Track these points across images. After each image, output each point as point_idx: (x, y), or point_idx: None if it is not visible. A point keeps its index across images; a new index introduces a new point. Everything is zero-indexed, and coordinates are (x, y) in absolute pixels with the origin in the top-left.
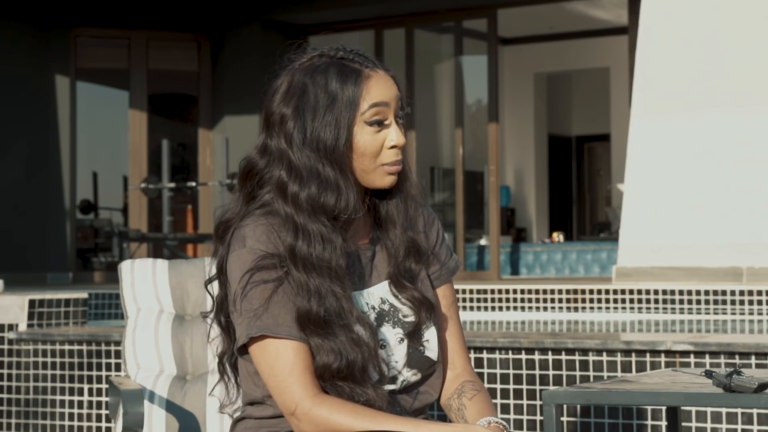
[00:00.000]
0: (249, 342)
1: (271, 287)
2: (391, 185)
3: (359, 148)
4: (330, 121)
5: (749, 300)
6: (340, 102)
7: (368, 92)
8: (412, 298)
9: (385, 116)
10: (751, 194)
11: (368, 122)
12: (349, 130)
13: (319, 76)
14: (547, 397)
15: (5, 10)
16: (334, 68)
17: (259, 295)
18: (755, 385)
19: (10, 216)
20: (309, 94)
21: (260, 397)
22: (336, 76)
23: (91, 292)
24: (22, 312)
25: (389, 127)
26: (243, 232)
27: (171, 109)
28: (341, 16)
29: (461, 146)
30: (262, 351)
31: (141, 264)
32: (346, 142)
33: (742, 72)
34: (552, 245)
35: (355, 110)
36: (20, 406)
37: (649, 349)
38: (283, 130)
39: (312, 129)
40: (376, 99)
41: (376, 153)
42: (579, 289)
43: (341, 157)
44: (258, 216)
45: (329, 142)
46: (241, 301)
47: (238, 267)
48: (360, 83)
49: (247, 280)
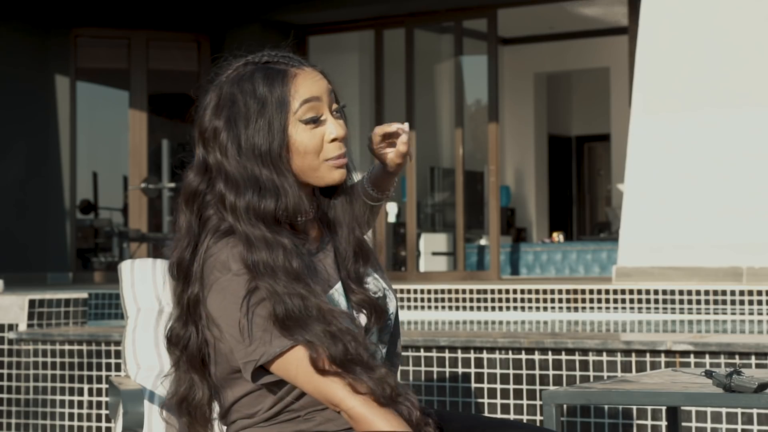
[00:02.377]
0: (269, 362)
1: (269, 304)
2: (341, 179)
3: (299, 148)
4: (263, 125)
5: (749, 300)
6: (271, 105)
7: (297, 90)
8: (361, 302)
9: (319, 111)
10: (751, 194)
11: (303, 120)
12: (284, 132)
13: (246, 84)
14: (547, 397)
15: (5, 10)
16: (259, 73)
17: (263, 313)
18: (755, 385)
19: (10, 216)
20: (239, 103)
21: (272, 413)
22: (262, 81)
23: (91, 292)
24: (22, 312)
25: (326, 122)
26: (221, 258)
27: (171, 109)
28: (341, 16)
29: (461, 146)
30: (287, 363)
31: (141, 264)
32: (282, 143)
33: (742, 72)
34: (552, 245)
35: (287, 110)
36: (20, 406)
37: (649, 349)
38: (218, 143)
39: (246, 137)
40: (306, 95)
41: (318, 150)
42: (579, 289)
43: (278, 160)
44: (227, 239)
45: (264, 147)
46: (249, 327)
47: (232, 294)
48: (287, 83)
49: (248, 304)
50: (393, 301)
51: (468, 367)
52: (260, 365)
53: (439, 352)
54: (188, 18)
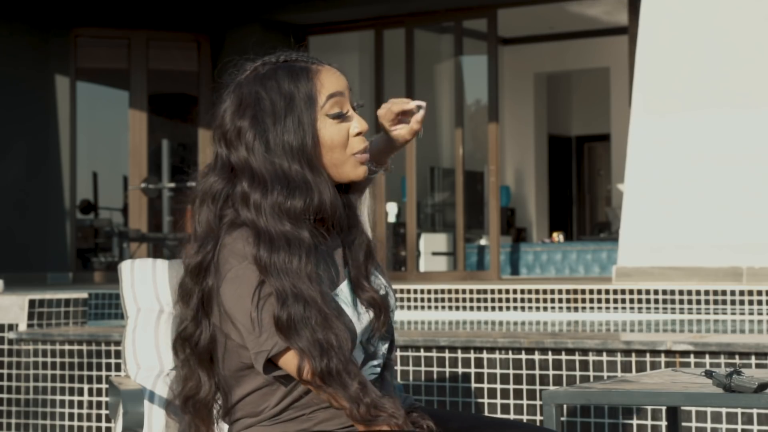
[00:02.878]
0: (278, 355)
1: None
2: (365, 175)
3: (327, 142)
4: (293, 121)
5: (749, 300)
6: (299, 100)
7: (322, 85)
8: (371, 300)
9: (344, 107)
10: (751, 194)
11: (329, 115)
12: (314, 126)
13: (270, 82)
14: (547, 397)
15: (5, 10)
16: (282, 71)
17: (272, 305)
18: (755, 385)
19: (11, 216)
20: (264, 101)
21: (278, 410)
22: (287, 77)
23: (91, 292)
24: (22, 312)
25: (350, 117)
26: (237, 247)
27: (171, 109)
28: (341, 16)
29: (461, 146)
30: (293, 357)
31: (141, 264)
32: (314, 139)
33: (742, 72)
34: (552, 245)
35: (315, 105)
36: (20, 406)
37: (649, 349)
38: (243, 142)
39: (275, 134)
40: (331, 90)
41: (344, 144)
42: (579, 289)
43: (311, 156)
44: (241, 230)
45: (296, 143)
46: (259, 317)
47: (245, 282)
48: (312, 78)
49: (259, 295)
50: (392, 298)
51: (468, 367)
52: (271, 357)
53: (439, 352)
54: (188, 18)
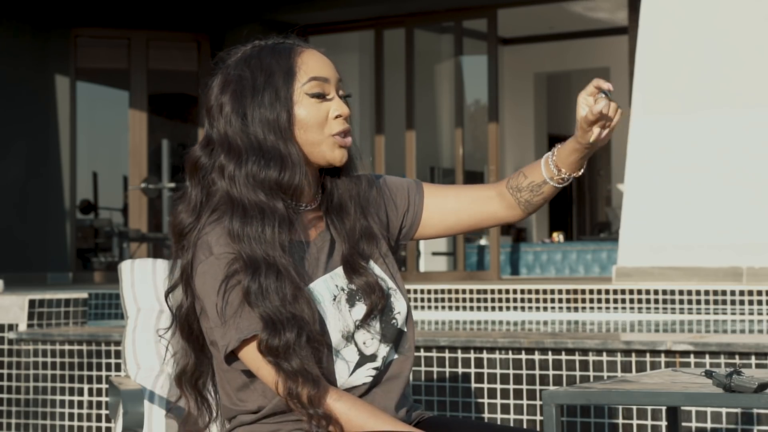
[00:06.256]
0: (239, 347)
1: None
2: (342, 160)
3: (303, 120)
4: (270, 95)
5: (749, 300)
6: (278, 74)
7: (304, 63)
8: (364, 284)
9: (326, 90)
10: (751, 194)
11: (309, 94)
12: (290, 101)
13: (253, 60)
14: (547, 397)
15: (5, 10)
16: (266, 50)
17: (236, 298)
18: (755, 385)
19: (11, 216)
20: (245, 78)
21: (255, 408)
22: (269, 55)
23: (91, 292)
24: (22, 312)
25: (332, 99)
26: (208, 239)
27: (171, 109)
28: (341, 16)
29: (461, 146)
30: (254, 350)
31: (141, 264)
32: (289, 112)
33: (742, 72)
34: (552, 245)
35: (293, 80)
36: (20, 406)
37: (649, 349)
38: (222, 116)
39: (252, 107)
40: (314, 72)
41: (322, 124)
42: (579, 289)
43: (285, 130)
44: (221, 220)
45: (272, 116)
46: (223, 310)
47: (212, 277)
48: (294, 56)
49: (225, 288)
50: (401, 302)
51: (468, 367)
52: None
53: (439, 352)
54: (188, 18)
